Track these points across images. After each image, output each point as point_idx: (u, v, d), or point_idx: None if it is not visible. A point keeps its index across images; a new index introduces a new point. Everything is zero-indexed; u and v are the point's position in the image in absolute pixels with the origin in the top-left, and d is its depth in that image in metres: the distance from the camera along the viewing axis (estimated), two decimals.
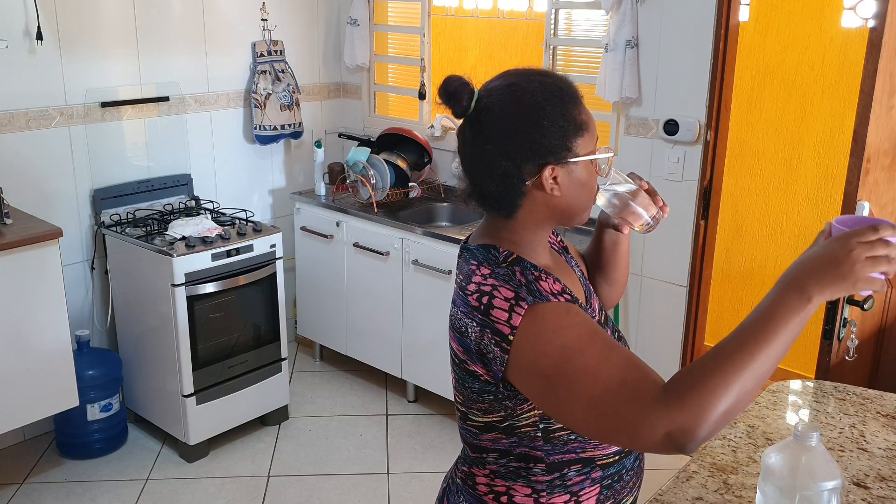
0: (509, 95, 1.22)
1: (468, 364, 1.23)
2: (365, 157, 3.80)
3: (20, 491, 3.14)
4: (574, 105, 1.22)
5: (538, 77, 1.25)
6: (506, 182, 1.22)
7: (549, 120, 1.20)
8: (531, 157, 1.20)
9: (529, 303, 1.15)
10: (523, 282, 1.18)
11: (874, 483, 1.58)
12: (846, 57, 3.70)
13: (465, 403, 1.28)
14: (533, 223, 1.26)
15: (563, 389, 1.11)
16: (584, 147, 1.22)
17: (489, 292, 1.18)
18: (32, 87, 3.20)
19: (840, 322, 2.28)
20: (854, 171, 2.19)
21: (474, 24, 4.61)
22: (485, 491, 1.31)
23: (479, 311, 1.18)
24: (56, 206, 3.32)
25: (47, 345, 2.88)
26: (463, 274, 1.27)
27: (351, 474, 3.28)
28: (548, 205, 1.24)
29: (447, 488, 1.42)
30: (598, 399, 1.08)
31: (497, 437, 1.26)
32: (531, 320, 1.14)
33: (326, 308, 4.03)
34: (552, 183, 1.21)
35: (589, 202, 1.27)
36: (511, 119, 1.20)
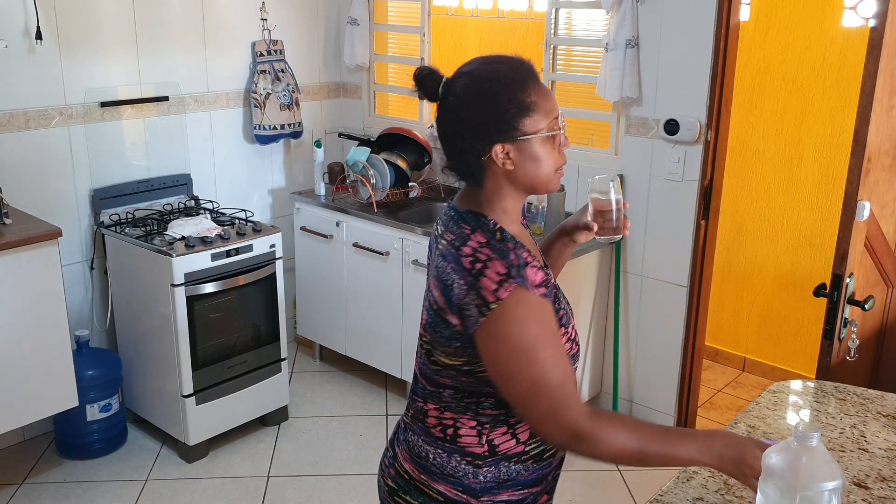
0: (465, 82, 1.38)
1: (445, 313, 1.37)
2: (365, 157, 3.80)
3: (20, 491, 3.13)
4: (521, 88, 1.36)
5: (492, 64, 1.40)
6: (466, 158, 1.40)
7: (497, 103, 1.35)
8: (482, 137, 1.36)
9: (518, 283, 1.31)
10: (515, 263, 1.33)
11: (875, 483, 1.58)
12: (847, 57, 3.70)
13: (432, 344, 1.43)
14: (502, 192, 1.42)
15: (517, 366, 1.31)
16: (533, 125, 1.36)
17: (484, 261, 1.33)
18: (32, 86, 3.20)
19: (840, 322, 2.27)
20: (854, 170, 2.19)
21: (474, 24, 4.60)
22: (433, 423, 1.47)
23: (469, 273, 1.33)
24: (56, 206, 3.32)
25: (47, 345, 2.88)
26: (453, 233, 1.41)
27: (351, 474, 3.28)
28: (506, 177, 1.40)
29: (396, 430, 1.59)
30: (540, 386, 1.31)
31: (456, 375, 1.42)
32: (515, 300, 1.30)
33: (326, 308, 4.03)
34: (504, 158, 1.37)
35: (545, 174, 1.40)
36: (464, 103, 1.38)
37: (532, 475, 1.47)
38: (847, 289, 2.27)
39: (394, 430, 1.62)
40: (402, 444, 1.54)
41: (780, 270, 4.11)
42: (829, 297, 2.26)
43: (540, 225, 3.43)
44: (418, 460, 1.49)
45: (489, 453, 1.43)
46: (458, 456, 1.44)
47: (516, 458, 1.45)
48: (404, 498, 1.50)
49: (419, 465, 1.48)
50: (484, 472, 1.44)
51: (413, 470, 1.49)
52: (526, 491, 1.47)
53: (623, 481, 3.20)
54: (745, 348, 4.32)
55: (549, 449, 1.48)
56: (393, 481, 1.53)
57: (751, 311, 4.25)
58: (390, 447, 1.58)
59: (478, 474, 1.44)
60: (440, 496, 1.45)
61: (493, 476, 1.44)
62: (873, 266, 2.44)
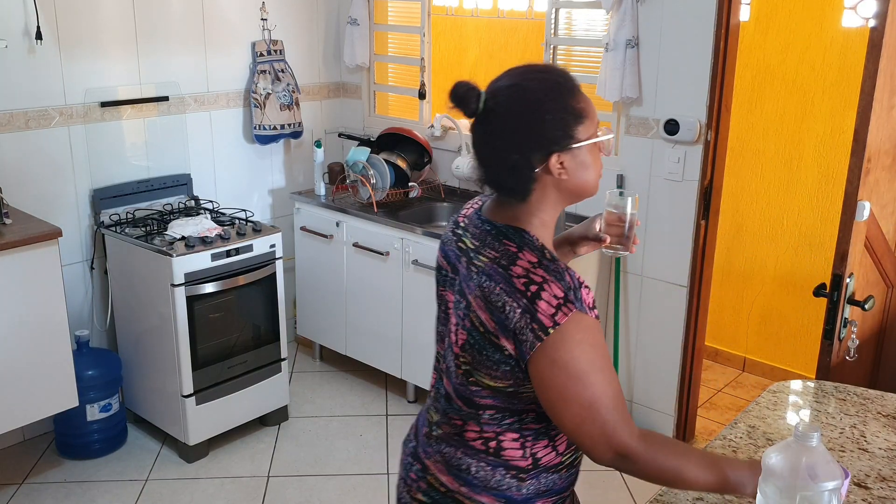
0: (513, 95, 1.34)
1: (496, 337, 1.32)
2: (365, 157, 3.80)
3: (20, 491, 3.13)
4: (572, 96, 1.35)
5: (538, 74, 1.38)
6: (517, 172, 1.35)
7: (551, 113, 1.33)
8: (538, 148, 1.33)
9: (576, 308, 1.28)
10: (572, 285, 1.29)
11: (875, 483, 1.58)
12: (847, 57, 3.70)
13: (473, 365, 1.37)
14: (546, 204, 1.39)
15: (572, 391, 1.29)
16: (585, 132, 1.35)
17: (539, 283, 1.29)
18: (32, 86, 3.20)
19: (840, 322, 2.27)
20: (854, 170, 2.18)
21: (474, 24, 4.60)
22: (473, 437, 1.43)
23: (524, 296, 1.28)
24: (55, 206, 3.32)
25: (47, 345, 2.88)
26: (495, 250, 1.36)
27: (351, 475, 3.28)
28: (557, 187, 1.37)
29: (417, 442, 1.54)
30: (594, 410, 1.29)
31: (499, 396, 1.38)
32: (574, 325, 1.27)
33: (326, 308, 4.03)
34: (560, 168, 1.35)
35: (594, 179, 1.40)
36: (516, 117, 1.33)
37: (564, 483, 1.48)
38: (847, 289, 2.27)
39: (412, 443, 1.56)
40: (436, 456, 1.48)
41: (780, 270, 4.11)
42: (829, 297, 2.26)
43: None
44: (458, 473, 1.45)
45: (532, 466, 1.42)
46: (502, 469, 1.42)
47: (554, 468, 1.44)
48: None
49: (459, 477, 1.44)
50: (527, 485, 1.42)
51: (451, 482, 1.45)
52: (557, 497, 1.47)
53: (623, 481, 3.20)
54: (745, 348, 4.32)
55: (580, 457, 1.49)
56: (425, 495, 1.49)
57: (751, 311, 4.25)
58: (416, 461, 1.52)
59: (521, 487, 1.42)
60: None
61: (535, 488, 1.43)
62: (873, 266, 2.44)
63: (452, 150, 3.96)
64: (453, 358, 1.41)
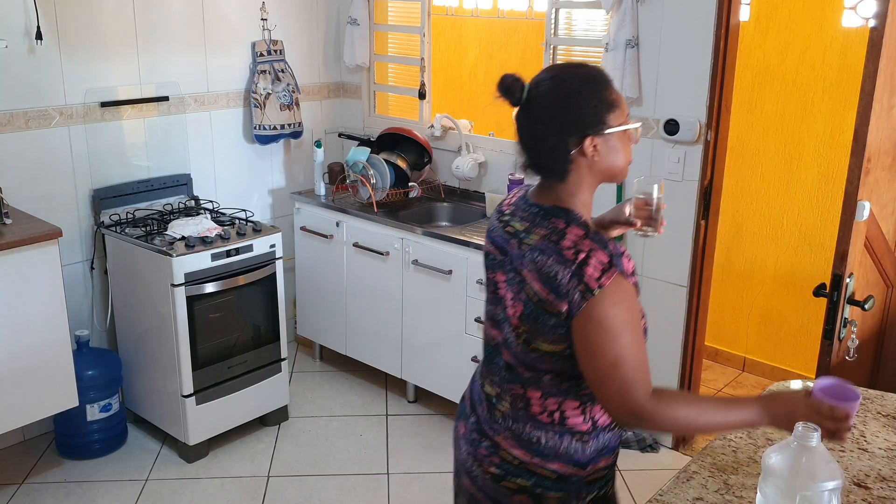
0: (553, 85, 1.53)
1: (552, 303, 1.47)
2: (365, 157, 3.80)
3: (20, 491, 3.13)
4: (605, 87, 1.53)
5: (575, 69, 1.58)
6: (556, 153, 1.52)
7: (586, 101, 1.50)
8: (574, 132, 1.50)
9: (618, 272, 1.45)
10: (615, 253, 1.47)
11: (875, 483, 1.58)
12: (846, 57, 3.70)
13: (531, 333, 1.53)
14: (582, 184, 1.55)
15: (603, 345, 1.44)
16: (616, 120, 1.52)
17: (587, 252, 1.45)
18: (32, 86, 3.20)
19: (840, 322, 2.27)
20: (854, 170, 2.18)
21: (474, 24, 4.60)
22: (538, 411, 1.57)
23: (573, 263, 1.45)
24: (56, 206, 3.32)
25: (47, 345, 2.88)
26: (545, 229, 1.52)
27: (351, 474, 3.28)
28: (591, 169, 1.54)
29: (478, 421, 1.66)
30: (618, 366, 1.44)
31: (557, 360, 1.53)
32: (616, 287, 1.44)
33: (326, 308, 4.03)
34: (593, 150, 1.51)
35: (623, 164, 1.56)
36: (555, 104, 1.52)
37: (616, 440, 1.64)
38: (847, 289, 2.27)
39: (473, 418, 1.69)
40: (505, 433, 1.61)
41: (780, 270, 4.11)
42: (829, 297, 2.26)
43: None
44: (529, 446, 1.58)
45: (592, 428, 1.58)
46: (568, 436, 1.57)
47: (608, 427, 1.60)
48: (514, 481, 1.60)
49: (531, 449, 1.58)
50: (590, 446, 1.58)
51: (524, 455, 1.58)
52: (612, 453, 1.64)
53: (623, 481, 3.20)
54: (745, 348, 4.32)
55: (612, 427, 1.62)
56: (498, 468, 1.61)
57: (751, 311, 4.25)
58: (484, 437, 1.65)
59: (585, 449, 1.58)
60: (553, 473, 1.57)
61: (595, 447, 1.59)
62: (873, 266, 2.44)
63: (452, 150, 3.96)
64: (512, 330, 1.56)
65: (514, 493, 1.60)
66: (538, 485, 1.58)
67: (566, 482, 1.57)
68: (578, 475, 1.58)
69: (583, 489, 1.59)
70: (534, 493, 1.58)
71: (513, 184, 3.44)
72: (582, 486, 1.58)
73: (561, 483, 1.57)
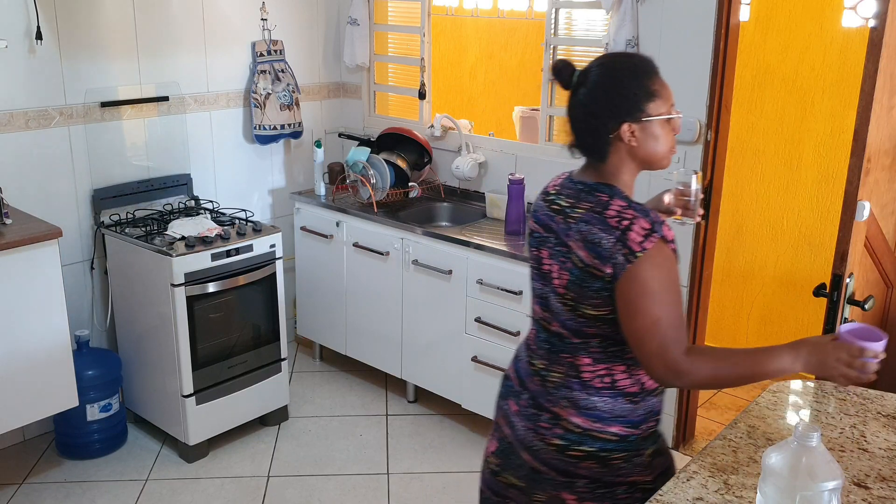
0: (600, 72, 1.64)
1: (597, 268, 1.58)
2: (365, 157, 3.80)
3: (20, 491, 3.13)
4: (648, 77, 1.63)
5: (623, 58, 1.73)
6: (596, 135, 1.64)
7: (627, 88, 1.61)
8: (612, 116, 1.61)
9: (659, 236, 1.55)
10: (656, 220, 1.57)
11: (875, 483, 1.58)
12: (846, 57, 3.70)
13: (577, 300, 1.63)
14: (622, 167, 1.65)
15: (643, 305, 1.54)
16: (656, 109, 1.62)
17: (630, 219, 1.56)
18: (32, 86, 3.20)
19: (840, 322, 2.27)
20: (854, 171, 2.18)
21: (474, 24, 4.61)
22: (590, 377, 1.66)
23: (617, 230, 1.56)
24: (56, 206, 3.32)
25: (47, 345, 2.88)
26: (590, 202, 1.63)
27: (351, 474, 3.28)
28: (630, 153, 1.64)
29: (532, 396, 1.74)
30: (657, 325, 1.54)
31: (602, 325, 1.63)
32: (657, 251, 1.55)
33: (326, 308, 4.03)
34: (630, 136, 1.61)
35: (663, 152, 1.65)
36: (599, 89, 1.63)
37: (660, 405, 1.74)
38: (847, 289, 2.27)
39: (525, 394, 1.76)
40: (562, 402, 1.69)
41: (780, 270, 4.11)
42: (829, 297, 2.26)
43: None
44: (588, 412, 1.66)
45: (640, 390, 1.67)
46: (621, 399, 1.66)
47: (653, 392, 1.69)
48: (579, 449, 1.67)
49: (591, 415, 1.66)
50: (641, 406, 1.68)
51: (585, 422, 1.66)
52: (657, 417, 1.73)
53: None
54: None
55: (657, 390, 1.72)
56: (561, 438, 1.69)
57: (751, 311, 4.25)
58: (541, 410, 1.72)
59: (636, 410, 1.67)
60: (614, 436, 1.66)
61: (645, 408, 1.68)
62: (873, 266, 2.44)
63: (452, 150, 3.96)
64: (558, 299, 1.67)
65: (580, 461, 1.68)
66: (602, 449, 1.67)
67: (626, 441, 1.67)
68: (634, 434, 1.68)
69: (641, 445, 1.69)
70: (599, 456, 1.67)
71: (513, 184, 3.44)
72: (639, 442, 1.69)
73: (622, 443, 1.67)
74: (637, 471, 1.69)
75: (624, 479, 1.68)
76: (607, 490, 1.69)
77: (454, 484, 3.22)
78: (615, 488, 1.69)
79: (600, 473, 1.68)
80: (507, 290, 3.21)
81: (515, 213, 3.43)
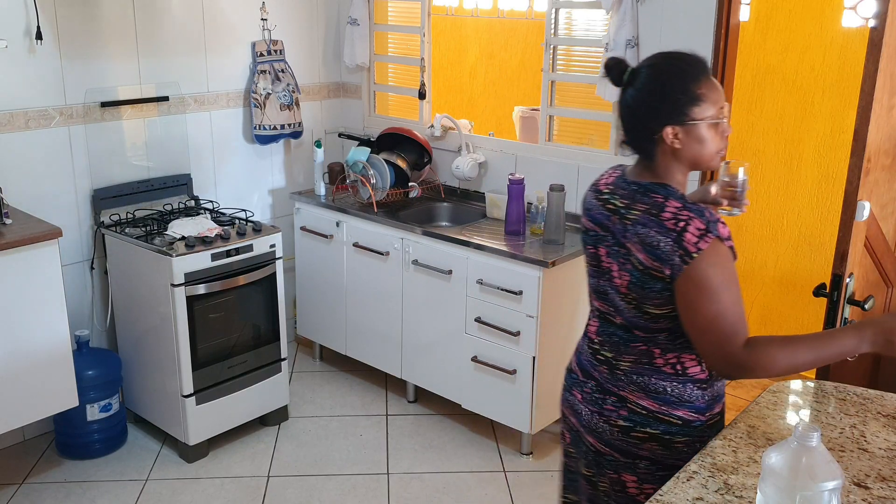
0: (648, 73, 1.67)
1: (656, 269, 1.62)
2: (365, 157, 3.80)
3: (20, 491, 3.13)
4: (695, 81, 1.64)
5: (672, 60, 1.69)
6: (641, 135, 1.69)
7: (672, 93, 1.63)
8: (656, 119, 1.65)
9: (714, 236, 1.58)
10: (711, 220, 1.60)
11: (875, 483, 1.58)
12: (846, 57, 3.70)
13: (640, 300, 1.68)
14: (673, 168, 1.69)
15: (702, 302, 1.59)
16: (701, 113, 1.63)
17: (686, 220, 1.60)
18: (32, 86, 3.20)
19: (841, 322, 2.27)
20: (854, 170, 2.18)
21: (474, 24, 4.61)
22: (661, 364, 1.72)
23: (674, 231, 1.60)
24: (56, 206, 3.32)
25: (47, 345, 2.88)
26: (646, 204, 1.66)
27: (351, 474, 3.28)
28: (675, 155, 1.67)
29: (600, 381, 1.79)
30: (717, 322, 1.59)
31: (667, 321, 1.68)
32: (713, 250, 1.58)
33: (326, 308, 4.03)
34: (673, 138, 1.64)
35: (709, 154, 1.67)
36: (645, 91, 1.66)
37: (723, 389, 1.80)
38: (847, 289, 2.27)
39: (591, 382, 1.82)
40: (630, 387, 1.74)
41: (780, 270, 4.11)
42: (829, 297, 2.26)
43: (540, 225, 3.43)
44: (656, 395, 1.72)
45: (708, 377, 1.73)
46: (690, 385, 1.72)
47: (699, 384, 1.73)
48: (643, 430, 1.74)
49: (658, 398, 1.72)
50: (707, 393, 1.74)
51: (652, 405, 1.72)
52: (721, 402, 1.80)
53: None
54: None
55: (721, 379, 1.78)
56: (626, 420, 1.75)
57: (751, 311, 4.25)
58: (608, 394, 1.78)
59: (704, 395, 1.73)
60: (679, 420, 1.72)
61: (711, 394, 1.74)
62: (873, 266, 2.44)
63: (452, 150, 3.96)
64: (621, 298, 1.72)
65: (643, 442, 1.74)
66: (666, 432, 1.72)
67: (690, 427, 1.72)
68: (699, 420, 1.73)
69: (704, 433, 1.73)
70: (662, 439, 1.73)
71: (513, 184, 3.43)
72: (703, 430, 1.73)
73: (686, 428, 1.72)
74: None
75: (685, 462, 1.71)
76: (667, 473, 1.70)
77: (454, 484, 3.22)
78: (675, 472, 1.71)
79: (662, 456, 1.74)
80: (507, 290, 3.21)
81: (515, 213, 3.43)
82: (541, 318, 3.16)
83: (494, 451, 3.45)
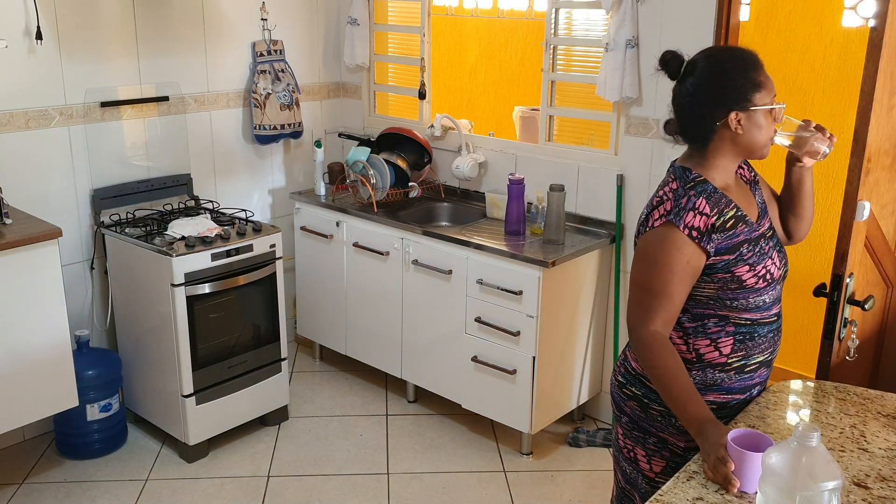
0: (707, 64, 1.75)
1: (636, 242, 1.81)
2: (365, 157, 3.80)
3: (20, 491, 3.13)
4: (754, 69, 1.72)
5: (729, 51, 1.81)
6: (703, 123, 1.75)
7: (734, 80, 1.71)
8: (721, 106, 1.72)
9: (669, 220, 1.70)
10: (684, 205, 1.70)
11: (875, 483, 1.58)
12: (847, 57, 3.70)
13: None
14: (723, 154, 1.77)
15: (637, 268, 1.76)
16: (762, 100, 1.72)
17: (663, 200, 1.74)
18: (32, 86, 3.20)
19: (840, 322, 2.27)
20: (854, 171, 2.18)
21: (474, 24, 4.60)
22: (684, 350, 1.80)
23: (650, 206, 1.76)
24: (56, 206, 3.32)
25: (47, 345, 2.88)
26: (662, 186, 1.79)
27: (351, 474, 3.28)
28: (733, 140, 1.75)
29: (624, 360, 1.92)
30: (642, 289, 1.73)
31: None
32: (663, 230, 1.71)
33: (326, 308, 4.03)
34: (736, 124, 1.72)
35: (764, 141, 1.76)
36: (708, 79, 1.73)
37: (734, 384, 1.81)
38: (847, 289, 2.27)
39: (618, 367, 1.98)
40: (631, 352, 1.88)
41: None
42: (829, 297, 2.26)
43: (540, 225, 3.43)
44: None
45: (696, 359, 1.79)
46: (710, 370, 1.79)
47: (720, 367, 1.78)
48: (630, 389, 1.88)
49: None
50: (693, 374, 1.77)
51: (639, 368, 1.85)
52: (729, 396, 1.81)
53: None
54: None
55: (750, 364, 1.80)
56: (622, 376, 1.92)
57: None
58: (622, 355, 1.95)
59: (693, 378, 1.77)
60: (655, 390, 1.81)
61: (700, 379, 1.78)
62: (873, 266, 2.44)
63: (452, 150, 3.96)
64: None
65: (628, 399, 1.88)
66: (646, 395, 1.83)
67: None
68: None
69: None
70: (642, 401, 1.85)
71: (513, 183, 3.43)
72: None
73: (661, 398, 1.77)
74: (669, 430, 1.81)
75: (657, 431, 1.83)
76: (641, 434, 1.86)
77: (454, 484, 3.22)
78: (647, 437, 1.86)
79: (639, 418, 1.86)
80: (507, 289, 3.21)
81: (515, 212, 3.43)
82: (541, 318, 3.16)
83: (494, 451, 3.45)
